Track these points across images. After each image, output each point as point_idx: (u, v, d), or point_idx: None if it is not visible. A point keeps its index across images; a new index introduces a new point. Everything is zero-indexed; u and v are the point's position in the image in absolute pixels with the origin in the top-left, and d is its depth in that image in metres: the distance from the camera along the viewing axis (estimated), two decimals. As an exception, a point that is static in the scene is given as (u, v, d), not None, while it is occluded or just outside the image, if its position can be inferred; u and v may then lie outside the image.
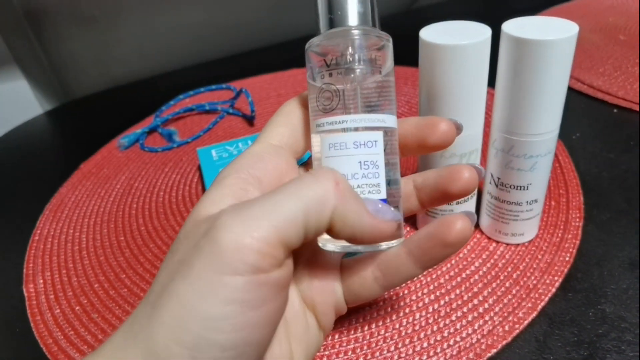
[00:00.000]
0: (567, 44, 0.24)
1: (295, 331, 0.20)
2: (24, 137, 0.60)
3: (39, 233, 0.41)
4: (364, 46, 0.19)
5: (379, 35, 0.19)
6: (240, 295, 0.14)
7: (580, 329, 0.27)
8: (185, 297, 0.14)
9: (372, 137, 0.18)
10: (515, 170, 0.29)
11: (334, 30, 0.19)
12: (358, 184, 0.18)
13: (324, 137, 0.19)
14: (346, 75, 0.18)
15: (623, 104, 0.47)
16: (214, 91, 0.62)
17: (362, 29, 0.19)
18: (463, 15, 0.29)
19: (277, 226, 0.15)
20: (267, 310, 0.15)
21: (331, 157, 0.19)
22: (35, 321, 0.32)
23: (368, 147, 0.18)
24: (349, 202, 0.16)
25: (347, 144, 0.18)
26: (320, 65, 0.19)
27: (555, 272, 0.30)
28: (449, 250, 0.19)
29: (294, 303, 0.20)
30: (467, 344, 0.27)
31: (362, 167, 0.18)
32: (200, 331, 0.14)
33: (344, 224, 0.16)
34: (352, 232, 0.17)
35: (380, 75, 0.19)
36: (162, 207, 0.42)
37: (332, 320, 0.21)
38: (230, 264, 0.14)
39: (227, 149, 0.43)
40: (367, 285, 0.21)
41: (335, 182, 0.16)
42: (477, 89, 0.27)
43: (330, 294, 0.21)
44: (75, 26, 0.66)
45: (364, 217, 0.17)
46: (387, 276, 0.20)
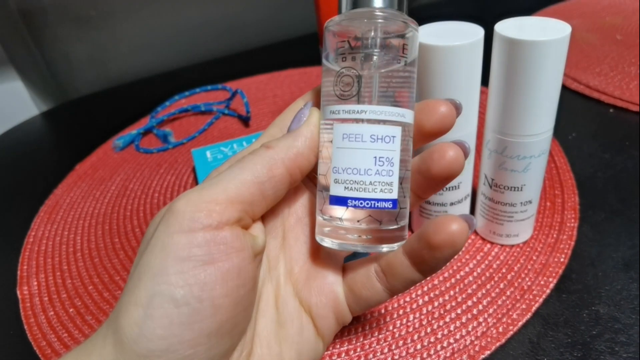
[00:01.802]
0: (559, 44, 0.24)
1: (287, 333, 0.19)
2: (19, 138, 0.60)
3: (34, 235, 0.40)
4: (389, 31, 0.17)
5: (405, 21, 0.18)
6: (191, 251, 0.15)
7: (574, 330, 0.27)
8: (142, 262, 0.16)
9: (390, 131, 0.17)
10: (509, 171, 0.29)
11: (357, 11, 0.17)
12: (370, 181, 0.17)
13: (337, 125, 0.17)
14: (367, 60, 0.17)
15: (619, 104, 0.47)
16: (210, 92, 0.61)
17: (389, 12, 0.17)
18: (456, 16, 0.28)
19: (226, 187, 0.16)
20: (219, 268, 0.16)
21: (344, 147, 0.17)
22: (29, 323, 0.32)
23: (385, 142, 0.17)
24: (285, 153, 0.18)
25: (364, 136, 0.17)
26: (340, 46, 0.17)
27: (550, 273, 0.30)
28: (436, 253, 0.17)
29: (288, 303, 0.20)
30: (461, 346, 0.27)
31: (376, 163, 0.17)
32: (154, 287, 0.15)
33: (302, 156, 0.18)
34: (300, 170, 0.18)
35: (403, 64, 0.17)
36: (156, 209, 0.42)
37: (333, 327, 0.20)
38: (182, 223, 0.16)
39: (221, 150, 0.43)
40: (369, 286, 0.19)
41: (267, 146, 0.18)
42: (470, 90, 0.27)
43: (330, 295, 0.20)
44: (70, 27, 0.65)
45: (299, 152, 0.18)
46: (389, 278, 0.19)
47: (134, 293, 0.15)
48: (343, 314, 0.20)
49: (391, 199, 0.17)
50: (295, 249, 0.20)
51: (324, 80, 0.19)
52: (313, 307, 0.20)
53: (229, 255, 0.16)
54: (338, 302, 0.20)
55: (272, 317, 0.19)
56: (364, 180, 0.17)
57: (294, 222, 0.20)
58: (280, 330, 0.19)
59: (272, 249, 0.20)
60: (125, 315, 0.15)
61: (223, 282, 0.16)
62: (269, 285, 0.20)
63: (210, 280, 0.15)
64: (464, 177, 0.30)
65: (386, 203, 0.17)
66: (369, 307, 0.20)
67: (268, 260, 0.20)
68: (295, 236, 0.20)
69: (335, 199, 0.18)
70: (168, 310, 0.15)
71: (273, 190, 0.17)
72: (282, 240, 0.20)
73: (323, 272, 0.20)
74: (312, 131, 0.18)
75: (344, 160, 0.17)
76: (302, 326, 0.20)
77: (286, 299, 0.20)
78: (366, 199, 0.17)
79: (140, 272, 0.16)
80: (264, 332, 0.19)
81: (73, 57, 0.68)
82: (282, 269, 0.20)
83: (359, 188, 0.17)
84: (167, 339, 0.15)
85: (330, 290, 0.20)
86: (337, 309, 0.20)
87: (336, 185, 0.17)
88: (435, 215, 0.32)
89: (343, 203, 0.17)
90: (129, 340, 0.15)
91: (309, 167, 0.18)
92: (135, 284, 0.16)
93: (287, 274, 0.20)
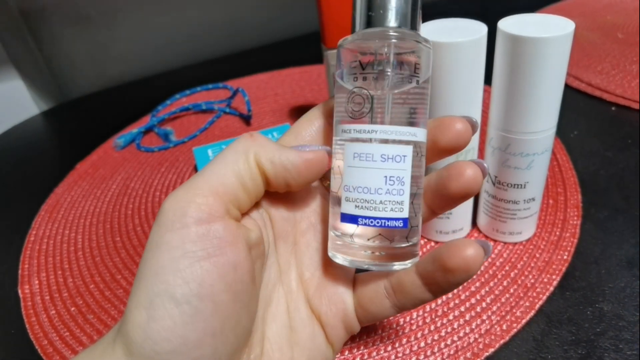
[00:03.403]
0: (563, 41, 0.24)
1: (300, 338, 0.19)
2: (20, 137, 0.60)
3: (35, 234, 0.40)
4: (402, 51, 0.17)
5: (418, 40, 0.17)
6: (185, 248, 0.15)
7: (578, 328, 0.27)
8: (141, 264, 0.16)
9: (401, 151, 0.17)
10: (512, 168, 0.29)
11: (370, 30, 0.17)
12: (381, 200, 0.17)
13: (349, 145, 0.18)
14: (380, 80, 0.17)
15: (621, 102, 0.47)
16: (211, 90, 0.61)
17: (402, 31, 0.17)
18: (459, 13, 0.28)
19: (209, 180, 0.17)
20: (215, 262, 0.15)
21: (355, 167, 0.17)
22: (30, 322, 0.32)
23: (396, 162, 0.17)
24: (267, 144, 0.18)
25: (374, 156, 0.17)
26: (353, 66, 0.17)
27: (553, 270, 0.30)
28: (450, 277, 0.17)
29: (301, 310, 0.20)
30: (465, 344, 0.26)
31: (387, 182, 0.17)
32: (153, 288, 0.15)
33: (273, 165, 0.17)
34: (285, 168, 0.17)
35: (416, 83, 0.17)
36: (158, 208, 0.42)
37: (342, 336, 0.20)
38: (173, 220, 0.16)
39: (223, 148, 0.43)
40: (377, 302, 0.19)
41: (249, 135, 0.18)
42: (474, 87, 0.27)
43: (339, 305, 0.20)
44: (71, 26, 0.65)
45: (288, 151, 0.18)
46: (398, 295, 0.19)
47: (136, 295, 0.16)
48: (352, 325, 0.20)
49: (402, 218, 0.17)
50: (306, 255, 0.20)
51: (336, 98, 0.19)
52: (323, 316, 0.20)
53: (224, 249, 0.16)
54: (347, 313, 0.20)
55: (283, 321, 0.19)
56: (374, 199, 0.17)
57: (305, 228, 0.20)
58: (293, 335, 0.19)
59: (283, 254, 0.20)
60: (130, 319, 0.15)
61: (220, 278, 0.16)
62: (280, 290, 0.20)
63: (207, 277, 0.15)
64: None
65: (397, 222, 0.17)
66: (376, 320, 0.20)
67: (279, 265, 0.20)
68: (306, 242, 0.20)
69: (346, 217, 0.18)
70: (170, 311, 0.15)
71: (252, 182, 0.17)
72: (293, 245, 0.20)
73: (334, 283, 0.20)
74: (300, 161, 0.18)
75: (354, 179, 0.17)
76: (314, 333, 0.19)
77: (298, 305, 0.20)
78: (377, 217, 0.17)
79: (140, 274, 0.16)
80: (276, 336, 0.19)
81: (74, 56, 0.68)
82: (293, 274, 0.20)
83: (370, 207, 0.17)
84: (172, 340, 0.15)
85: (341, 301, 0.20)
86: (346, 319, 0.20)
87: (347, 203, 0.18)
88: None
89: (354, 221, 0.17)
90: (135, 344, 0.15)
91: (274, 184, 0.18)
92: (137, 286, 0.16)
93: (299, 279, 0.20)
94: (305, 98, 0.57)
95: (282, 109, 0.55)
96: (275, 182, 0.18)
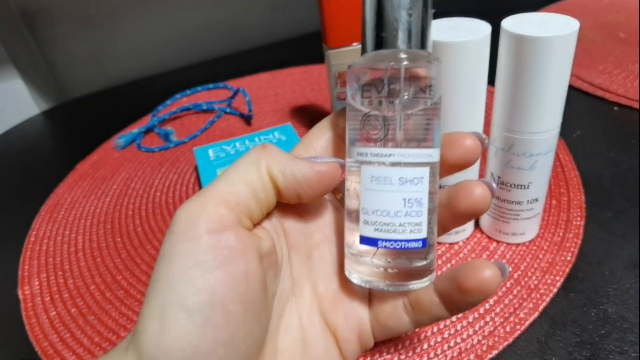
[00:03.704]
0: (567, 40, 0.24)
1: (313, 351, 0.19)
2: (20, 137, 0.59)
3: (35, 234, 0.40)
4: (414, 72, 0.17)
5: (429, 60, 0.17)
6: (197, 258, 0.15)
7: (582, 330, 0.26)
8: (154, 273, 0.16)
9: (418, 173, 0.17)
10: (516, 169, 0.28)
11: (381, 52, 0.17)
12: (400, 222, 0.17)
13: (365, 168, 0.18)
14: (393, 102, 0.17)
15: (624, 102, 0.46)
16: (211, 90, 0.61)
17: (414, 52, 0.17)
18: (462, 12, 0.28)
19: (221, 190, 0.17)
20: (227, 272, 0.15)
21: (372, 190, 0.17)
22: (30, 324, 0.32)
23: (414, 185, 0.17)
24: (279, 155, 0.18)
25: (392, 179, 0.17)
26: (365, 88, 0.17)
27: (557, 272, 0.30)
28: (467, 297, 0.17)
29: (315, 324, 0.19)
30: (468, 346, 0.26)
31: (405, 205, 0.17)
32: (165, 298, 0.15)
33: (284, 176, 0.17)
34: (296, 180, 0.17)
35: (429, 103, 0.17)
36: (158, 208, 0.41)
37: (356, 351, 0.20)
38: (185, 231, 0.16)
39: (224, 148, 0.43)
40: (396, 317, 0.20)
41: (262, 146, 0.18)
42: (477, 87, 0.27)
43: (355, 320, 0.20)
44: (71, 26, 0.65)
45: (300, 163, 0.18)
46: (416, 312, 0.19)
47: (148, 306, 0.16)
48: (367, 340, 0.20)
49: (421, 239, 0.17)
50: (320, 268, 0.20)
51: (349, 120, 0.18)
52: (339, 330, 0.20)
53: (235, 258, 0.16)
54: (363, 328, 0.20)
55: (296, 334, 0.19)
56: (393, 222, 0.17)
57: (319, 240, 0.20)
58: (306, 348, 0.19)
59: (296, 266, 0.20)
60: (142, 329, 0.15)
61: (232, 287, 0.15)
62: (294, 303, 0.20)
63: (219, 286, 0.15)
64: (470, 175, 0.30)
65: (416, 243, 0.17)
66: (393, 335, 0.20)
67: (292, 277, 0.20)
68: (320, 254, 0.20)
69: (366, 240, 0.18)
70: (182, 321, 0.15)
71: (264, 193, 0.17)
72: (307, 257, 0.20)
73: (350, 298, 0.20)
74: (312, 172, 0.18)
75: (373, 203, 0.17)
76: (328, 347, 0.19)
77: (312, 318, 0.20)
78: (397, 240, 0.17)
79: (153, 285, 0.16)
80: (289, 349, 0.19)
81: (74, 56, 0.67)
82: (307, 286, 0.20)
83: (389, 229, 0.17)
84: (184, 350, 0.15)
85: (357, 316, 0.20)
86: (362, 334, 0.20)
87: (366, 226, 0.18)
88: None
89: (373, 244, 0.17)
90: (148, 353, 0.15)
91: (285, 195, 0.18)
92: (149, 296, 0.16)
93: (312, 293, 0.20)
94: (306, 98, 0.57)
95: (283, 108, 0.55)
96: (286, 194, 0.18)
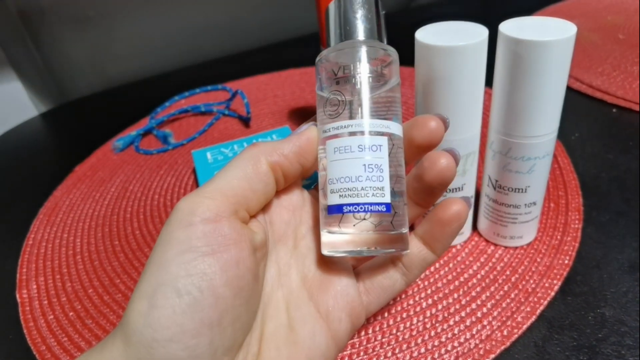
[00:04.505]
0: (565, 44, 0.24)
1: (298, 337, 0.19)
2: (18, 139, 0.59)
3: (33, 237, 0.40)
4: (371, 59, 0.19)
5: (385, 50, 0.20)
6: (191, 243, 0.16)
7: (580, 333, 0.26)
8: (149, 259, 0.17)
9: (376, 141, 0.19)
10: (513, 172, 0.28)
11: (343, 44, 0.20)
12: (362, 187, 0.18)
13: (329, 141, 0.19)
14: (352, 87, 0.19)
15: (622, 104, 0.46)
16: (210, 92, 0.61)
17: (371, 42, 0.19)
18: (459, 16, 0.28)
19: (219, 184, 0.18)
20: (218, 258, 0.16)
21: (336, 160, 0.19)
22: (28, 327, 0.32)
23: (372, 151, 0.18)
24: (270, 145, 0.19)
25: (352, 147, 0.19)
26: (328, 76, 0.20)
27: (555, 275, 0.30)
28: (446, 229, 0.20)
29: (302, 308, 0.20)
30: (465, 349, 0.26)
31: (366, 170, 0.18)
32: (157, 278, 0.16)
33: (285, 157, 0.19)
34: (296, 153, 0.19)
35: (385, 89, 0.19)
36: (157, 211, 0.41)
37: (348, 330, 0.20)
38: (182, 219, 0.17)
39: (222, 151, 0.43)
40: (387, 276, 0.21)
41: (253, 145, 0.19)
42: (474, 91, 0.27)
43: (346, 298, 0.20)
44: (70, 27, 0.65)
45: (288, 140, 0.19)
46: (406, 264, 0.21)
47: (139, 288, 0.16)
48: (358, 316, 0.21)
49: (384, 203, 0.18)
50: (308, 257, 0.21)
51: (318, 110, 0.20)
52: (330, 311, 0.20)
53: (228, 246, 0.17)
54: (354, 305, 0.20)
55: (282, 321, 0.20)
56: (356, 186, 0.18)
57: (305, 231, 0.21)
58: (291, 334, 0.19)
59: (283, 256, 0.21)
60: (131, 308, 0.16)
61: (222, 272, 0.16)
62: (279, 292, 0.20)
63: (210, 271, 0.16)
64: (467, 179, 0.30)
65: (379, 207, 0.18)
66: (385, 301, 0.21)
67: (278, 267, 0.21)
68: (307, 244, 0.21)
69: (333, 208, 0.19)
70: (171, 300, 0.16)
71: (261, 185, 0.19)
72: (294, 248, 0.21)
73: (338, 277, 0.21)
74: (301, 141, 0.20)
75: (337, 171, 0.19)
76: (315, 331, 0.20)
77: (299, 304, 0.20)
78: (360, 203, 0.18)
79: (146, 268, 0.17)
80: (273, 335, 0.19)
81: (72, 58, 0.67)
82: (294, 275, 0.21)
83: (352, 194, 0.18)
84: (170, 328, 0.15)
85: (346, 294, 0.20)
86: (353, 311, 0.20)
87: (332, 195, 0.19)
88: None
89: (339, 210, 0.19)
90: (135, 331, 0.16)
91: (291, 172, 0.20)
92: (142, 279, 0.17)
93: (302, 280, 0.21)
94: (305, 100, 0.57)
95: (282, 110, 0.55)
96: (292, 171, 0.20)
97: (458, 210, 0.19)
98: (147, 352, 0.15)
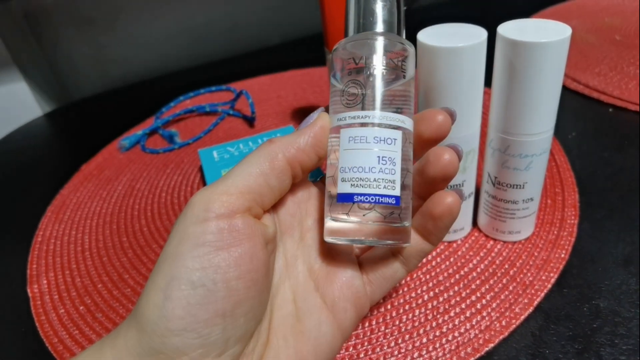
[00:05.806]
0: (560, 45, 0.25)
1: (305, 327, 0.20)
2: (24, 139, 0.60)
3: (42, 234, 0.41)
4: (388, 52, 0.19)
5: (402, 43, 0.20)
6: (205, 238, 0.17)
7: (575, 324, 0.27)
8: (163, 252, 0.17)
9: (392, 134, 0.19)
10: (512, 169, 0.29)
11: (361, 34, 0.20)
12: (375, 178, 0.18)
13: (344, 130, 0.19)
14: (368, 78, 0.19)
15: (618, 104, 0.47)
16: (214, 92, 0.62)
17: (388, 35, 0.20)
18: (459, 18, 0.29)
19: (234, 180, 0.18)
20: (232, 253, 0.17)
21: (350, 149, 0.19)
22: (40, 321, 0.33)
23: (387, 144, 0.19)
24: (286, 140, 0.19)
25: (368, 138, 0.19)
26: (347, 66, 0.20)
27: (551, 268, 0.31)
28: (439, 223, 0.20)
29: (308, 298, 0.20)
30: (466, 339, 0.27)
31: (380, 162, 0.18)
32: (172, 271, 0.16)
33: (302, 150, 0.19)
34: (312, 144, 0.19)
35: (402, 82, 0.19)
36: (164, 208, 0.42)
37: (353, 319, 0.21)
38: (197, 214, 0.17)
39: (228, 149, 0.44)
40: (388, 265, 0.21)
41: (269, 141, 0.19)
42: (474, 90, 0.28)
43: (351, 289, 0.21)
44: (74, 28, 0.66)
45: (302, 132, 0.19)
46: (405, 254, 0.21)
47: (153, 279, 0.17)
48: (363, 306, 0.21)
49: (394, 196, 0.19)
50: (314, 248, 0.21)
51: (332, 98, 0.20)
52: (336, 300, 0.21)
53: (241, 241, 0.17)
54: (359, 294, 0.21)
55: (290, 311, 0.20)
56: (368, 177, 0.18)
57: (311, 223, 0.22)
58: (298, 324, 0.20)
59: (290, 248, 0.21)
60: (146, 299, 0.17)
61: (236, 266, 0.17)
62: (287, 282, 0.21)
63: (223, 264, 0.17)
64: (468, 176, 0.31)
65: (390, 199, 0.19)
66: (387, 289, 0.22)
67: (285, 259, 0.21)
68: (312, 236, 0.22)
69: (343, 197, 0.19)
70: (185, 292, 0.16)
71: (278, 181, 0.19)
72: (300, 240, 0.21)
73: (342, 268, 0.21)
74: (315, 131, 0.20)
75: (350, 161, 0.19)
76: (321, 321, 0.20)
77: (306, 294, 0.21)
78: (371, 194, 0.18)
79: (160, 261, 0.17)
80: (281, 325, 0.20)
81: (77, 58, 0.68)
82: (300, 266, 0.21)
83: (364, 184, 0.19)
84: (184, 318, 0.16)
85: (351, 285, 0.21)
86: (358, 301, 0.21)
87: (343, 184, 0.19)
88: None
89: (350, 199, 0.19)
90: (149, 322, 0.16)
91: (309, 164, 0.20)
92: (156, 271, 0.17)
93: (308, 272, 0.21)
94: (308, 100, 0.58)
95: (285, 110, 0.56)
96: (309, 163, 0.20)
97: (449, 205, 0.20)
98: (161, 341, 0.16)
